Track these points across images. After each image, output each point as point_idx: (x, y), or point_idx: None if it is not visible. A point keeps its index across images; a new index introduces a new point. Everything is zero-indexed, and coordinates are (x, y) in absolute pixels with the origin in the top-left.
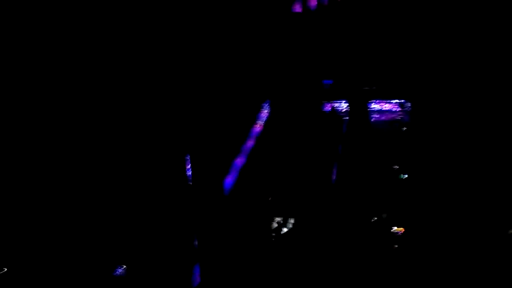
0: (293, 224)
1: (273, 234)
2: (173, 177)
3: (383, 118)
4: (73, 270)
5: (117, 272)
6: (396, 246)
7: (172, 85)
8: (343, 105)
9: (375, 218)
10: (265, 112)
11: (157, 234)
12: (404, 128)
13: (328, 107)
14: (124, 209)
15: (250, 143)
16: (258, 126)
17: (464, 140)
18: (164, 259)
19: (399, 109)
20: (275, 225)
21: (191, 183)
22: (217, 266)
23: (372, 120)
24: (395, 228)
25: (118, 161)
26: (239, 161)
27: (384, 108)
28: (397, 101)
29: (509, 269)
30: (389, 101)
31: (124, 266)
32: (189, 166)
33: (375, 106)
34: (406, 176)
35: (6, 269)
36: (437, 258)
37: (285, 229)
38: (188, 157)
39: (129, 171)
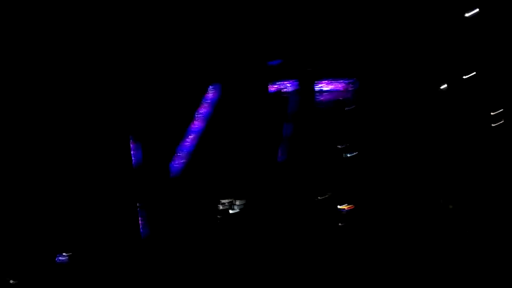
0: (240, 205)
1: (220, 216)
2: (118, 159)
3: (329, 97)
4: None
5: (59, 259)
6: (342, 223)
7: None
8: (289, 85)
9: (321, 197)
10: (211, 94)
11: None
12: (350, 107)
13: (274, 88)
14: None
15: (197, 125)
16: (204, 109)
17: (408, 118)
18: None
19: (345, 88)
20: (221, 207)
21: (135, 166)
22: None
23: (318, 99)
24: (340, 206)
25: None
26: (186, 144)
27: (330, 88)
28: (344, 80)
29: (449, 238)
30: (335, 80)
31: (67, 255)
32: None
33: (321, 85)
34: (351, 154)
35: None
36: (381, 234)
37: (231, 211)
38: (132, 140)
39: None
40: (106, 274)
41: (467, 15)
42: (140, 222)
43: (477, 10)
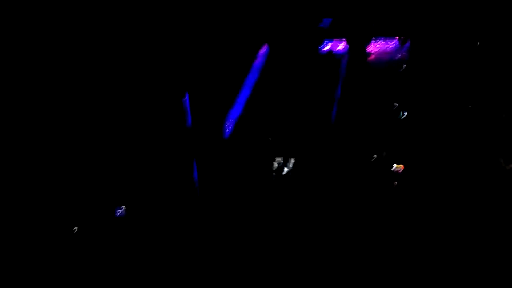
0: (294, 164)
1: (274, 174)
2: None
3: (382, 56)
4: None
5: (117, 213)
6: (396, 183)
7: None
8: (342, 44)
9: (375, 157)
10: (264, 51)
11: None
12: (404, 66)
13: (326, 47)
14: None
15: (249, 85)
16: (257, 65)
17: (465, 76)
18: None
19: (398, 47)
20: (276, 165)
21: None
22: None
23: (371, 58)
24: (395, 165)
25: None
26: (240, 102)
27: (383, 46)
28: (397, 38)
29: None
30: (388, 39)
31: (123, 207)
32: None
33: (374, 44)
34: (406, 114)
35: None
36: (435, 195)
37: (286, 169)
38: (186, 99)
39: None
40: (162, 230)
41: None
42: (195, 180)
43: None
